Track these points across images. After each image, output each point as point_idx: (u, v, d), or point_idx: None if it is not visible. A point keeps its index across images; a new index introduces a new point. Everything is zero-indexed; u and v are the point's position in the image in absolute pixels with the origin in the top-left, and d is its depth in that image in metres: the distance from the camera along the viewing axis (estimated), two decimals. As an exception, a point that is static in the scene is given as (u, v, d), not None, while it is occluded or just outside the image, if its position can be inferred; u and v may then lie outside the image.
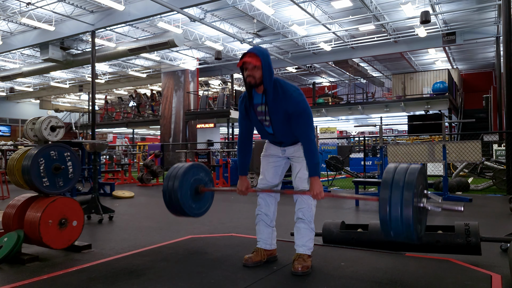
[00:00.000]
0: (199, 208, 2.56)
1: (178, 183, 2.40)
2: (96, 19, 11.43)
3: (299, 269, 2.04)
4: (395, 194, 1.71)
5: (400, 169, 1.81)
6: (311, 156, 2.01)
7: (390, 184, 1.74)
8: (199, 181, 2.53)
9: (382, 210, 1.73)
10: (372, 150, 12.86)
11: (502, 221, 3.78)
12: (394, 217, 1.69)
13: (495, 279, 1.96)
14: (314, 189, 2.01)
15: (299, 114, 1.99)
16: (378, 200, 1.77)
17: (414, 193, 1.69)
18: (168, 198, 2.44)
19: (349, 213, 4.43)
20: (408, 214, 1.66)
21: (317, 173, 2.01)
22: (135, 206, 5.30)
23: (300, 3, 10.56)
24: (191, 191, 2.48)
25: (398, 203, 1.69)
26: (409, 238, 1.71)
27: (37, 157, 2.46)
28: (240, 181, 2.28)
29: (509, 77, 6.33)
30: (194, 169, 2.52)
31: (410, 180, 1.72)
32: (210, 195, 2.65)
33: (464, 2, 10.95)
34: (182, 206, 2.42)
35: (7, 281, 2.04)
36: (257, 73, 1.99)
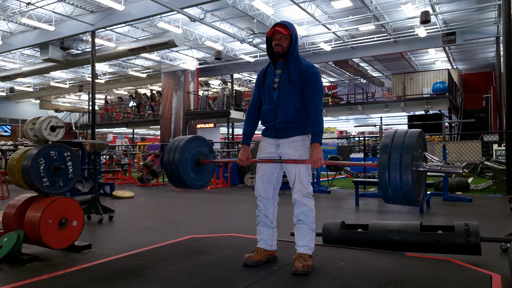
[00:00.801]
0: (200, 180, 2.57)
1: (179, 155, 2.41)
2: (96, 19, 11.43)
3: (299, 268, 2.05)
4: (394, 157, 1.70)
5: (399, 132, 1.81)
6: (316, 122, 2.07)
7: (389, 147, 1.74)
8: (200, 153, 2.55)
9: (381, 172, 1.72)
10: (372, 150, 12.86)
11: (502, 221, 3.78)
12: (393, 179, 1.69)
13: (495, 279, 1.96)
14: (314, 155, 2.05)
15: (312, 82, 2.12)
16: (377, 165, 1.77)
17: (413, 155, 1.69)
18: (170, 170, 2.45)
19: (349, 213, 4.43)
20: (407, 176, 1.66)
21: (319, 140, 2.07)
22: (135, 206, 5.30)
23: (300, 3, 10.56)
24: (192, 163, 2.49)
25: (397, 166, 1.68)
26: (408, 201, 1.70)
27: (37, 157, 2.46)
28: (242, 150, 2.33)
29: (509, 77, 6.33)
30: (195, 141, 2.54)
31: (409, 142, 1.72)
32: (211, 167, 2.67)
33: (464, 2, 10.95)
34: (183, 177, 2.43)
35: (7, 281, 2.04)
36: (285, 43, 2.13)
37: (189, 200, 5.95)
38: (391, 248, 2.47)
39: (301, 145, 2.15)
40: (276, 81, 2.18)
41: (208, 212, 4.68)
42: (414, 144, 1.71)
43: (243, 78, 21.16)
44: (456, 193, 6.03)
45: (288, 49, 2.14)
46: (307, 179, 2.16)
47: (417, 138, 1.75)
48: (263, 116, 2.26)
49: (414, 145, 1.71)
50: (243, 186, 7.96)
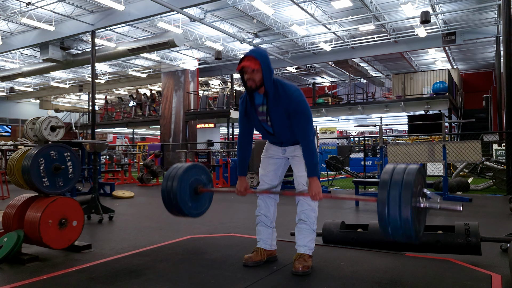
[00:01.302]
0: (198, 208, 2.55)
1: (177, 183, 2.40)
2: (96, 19, 11.43)
3: (299, 269, 2.04)
4: (393, 194, 1.70)
5: (398, 169, 1.80)
6: (309, 156, 2.01)
7: (388, 184, 1.74)
8: (198, 181, 2.53)
9: (381, 210, 1.72)
10: (372, 150, 12.86)
11: (502, 221, 3.78)
12: (393, 217, 1.68)
13: (495, 279, 1.96)
14: (312, 189, 2.00)
15: (299, 113, 2.00)
16: (377, 201, 1.76)
17: (412, 192, 1.69)
18: (167, 198, 2.44)
19: (349, 213, 4.43)
20: (407, 214, 1.66)
21: (315, 174, 2.01)
22: (135, 206, 5.30)
23: (300, 3, 10.55)
24: (190, 191, 2.47)
25: (397, 204, 1.68)
26: (408, 238, 1.70)
27: (37, 157, 2.45)
28: (239, 181, 2.27)
29: (509, 77, 6.33)
30: (193, 169, 2.52)
31: (408, 180, 1.72)
32: (209, 195, 2.64)
33: (464, 2, 10.95)
34: (180, 206, 2.41)
35: (7, 281, 2.04)
36: (256, 76, 1.99)
37: (189, 200, 5.93)
38: (391, 248, 2.47)
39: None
40: (264, 119, 2.10)
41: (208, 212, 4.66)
42: (413, 181, 1.72)
43: (243, 78, 21.11)
44: (456, 193, 6.03)
45: (262, 82, 2.00)
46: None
47: (416, 174, 1.75)
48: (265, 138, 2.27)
49: (413, 182, 1.71)
50: (243, 186, 7.94)
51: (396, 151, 5.94)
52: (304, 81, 21.59)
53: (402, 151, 5.88)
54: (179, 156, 14.02)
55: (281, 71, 19.49)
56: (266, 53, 2.08)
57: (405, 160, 5.84)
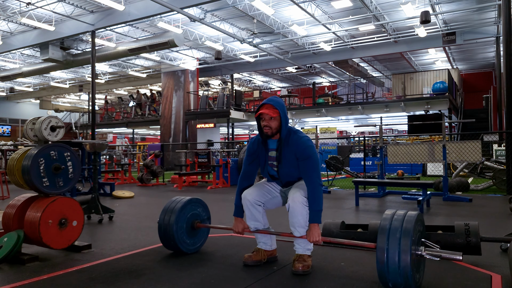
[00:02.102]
0: (193, 244, 2.53)
1: (174, 218, 2.40)
2: (96, 19, 11.43)
3: (299, 269, 2.05)
4: (392, 243, 1.70)
5: (397, 216, 1.80)
6: (315, 202, 2.00)
7: (388, 232, 1.74)
8: (195, 216, 2.53)
9: (380, 259, 1.71)
10: (372, 150, 12.86)
11: (502, 221, 3.78)
12: (392, 267, 1.68)
13: (495, 279, 1.96)
14: (311, 236, 1.99)
15: (306, 158, 2.06)
16: (376, 249, 1.75)
17: (411, 241, 1.69)
18: (164, 232, 2.43)
19: (349, 213, 4.43)
20: (406, 263, 1.66)
21: (318, 220, 2.00)
22: (135, 206, 5.30)
23: (300, 3, 10.56)
24: (187, 226, 2.47)
25: (396, 253, 1.68)
26: (407, 286, 1.70)
27: (37, 157, 2.45)
28: (236, 222, 2.28)
29: (509, 77, 6.33)
30: (191, 204, 2.53)
31: (407, 227, 1.72)
32: (206, 230, 2.64)
33: (464, 2, 10.96)
34: (175, 241, 2.40)
35: (7, 281, 2.04)
36: (273, 124, 2.09)
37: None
38: None
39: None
40: (273, 164, 2.16)
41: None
42: (413, 229, 1.72)
43: (243, 78, 21.16)
44: (456, 193, 6.02)
45: (279, 129, 2.09)
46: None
47: (415, 222, 1.75)
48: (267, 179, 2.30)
49: (413, 230, 1.72)
50: (243, 186, 7.94)
51: (396, 151, 5.94)
52: (304, 81, 21.59)
53: (402, 151, 5.88)
54: (179, 156, 14.02)
55: (281, 71, 19.49)
56: (283, 102, 2.17)
57: (405, 160, 5.84)
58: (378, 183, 5.69)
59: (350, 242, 2.07)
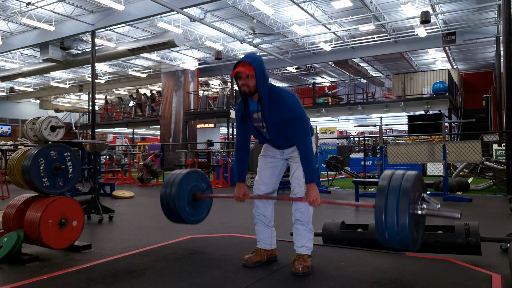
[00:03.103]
0: (197, 215, 2.57)
1: (175, 190, 2.42)
2: (96, 19, 11.43)
3: (299, 269, 2.05)
4: (390, 201, 1.68)
5: (396, 175, 1.79)
6: (307, 162, 1.99)
7: (386, 191, 1.72)
8: (196, 188, 2.54)
9: (378, 217, 1.71)
10: (372, 150, 12.86)
11: (502, 221, 3.78)
12: (390, 224, 1.67)
13: (495, 279, 1.96)
14: (310, 196, 2.00)
15: (294, 120, 1.99)
16: (374, 207, 1.75)
17: (410, 200, 1.67)
18: (166, 205, 2.46)
19: (349, 213, 4.43)
20: (404, 222, 1.64)
21: (313, 180, 2.00)
22: (135, 206, 5.29)
23: (300, 3, 10.56)
24: (188, 198, 2.49)
25: (394, 211, 1.66)
26: (406, 246, 1.69)
27: (37, 157, 2.45)
28: (238, 188, 2.27)
29: (509, 77, 6.33)
30: (192, 175, 2.53)
31: (406, 186, 1.70)
32: (208, 202, 2.65)
33: (464, 2, 10.95)
34: (179, 213, 2.43)
35: (7, 281, 2.04)
36: (251, 82, 1.98)
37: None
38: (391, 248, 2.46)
39: None
40: (260, 125, 2.10)
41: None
42: (411, 187, 1.70)
43: (243, 78, 21.12)
44: (456, 193, 6.02)
45: (256, 87, 1.99)
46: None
47: (414, 181, 1.73)
48: (261, 143, 2.28)
49: (411, 188, 1.69)
50: (243, 186, 7.95)
51: (396, 151, 5.94)
52: (304, 81, 21.59)
53: (402, 151, 5.88)
54: (179, 156, 14.02)
55: (281, 71, 19.49)
56: (261, 58, 2.06)
57: (405, 160, 5.84)
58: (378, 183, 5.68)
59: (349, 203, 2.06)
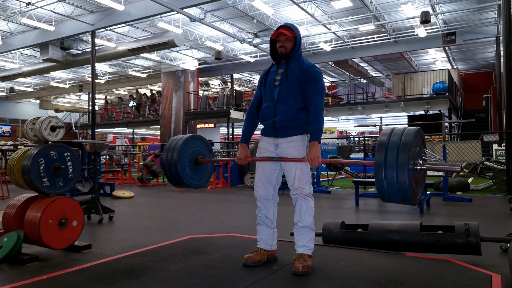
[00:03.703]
0: (199, 179, 2.58)
1: (177, 154, 2.42)
2: (96, 19, 11.43)
3: (300, 269, 2.05)
4: (390, 155, 1.67)
5: (396, 130, 1.78)
6: (316, 121, 2.08)
7: (386, 145, 1.71)
8: (198, 152, 2.56)
9: (377, 170, 1.69)
10: (372, 150, 12.86)
11: (502, 221, 3.78)
12: (389, 177, 1.66)
13: (495, 279, 1.96)
14: (311, 153, 2.06)
15: (314, 81, 2.13)
16: (374, 164, 1.74)
17: (410, 154, 1.66)
18: (168, 170, 2.47)
19: (349, 213, 4.43)
20: (404, 175, 1.63)
21: (317, 138, 2.08)
22: (135, 206, 5.30)
23: (300, 3, 10.56)
24: (190, 162, 2.50)
25: (394, 165, 1.65)
26: (404, 196, 1.67)
27: (37, 157, 2.45)
28: (241, 148, 2.32)
29: (509, 77, 6.33)
30: (193, 140, 2.55)
31: (406, 140, 1.69)
32: (210, 166, 2.68)
33: (464, 2, 10.96)
34: (181, 176, 2.44)
35: (7, 281, 2.04)
36: (288, 45, 2.16)
37: (189, 200, 5.95)
38: (391, 248, 2.47)
39: (301, 144, 2.14)
40: (277, 79, 2.21)
41: (208, 212, 4.68)
42: (412, 142, 1.68)
43: (243, 78, 21.16)
44: (456, 193, 6.02)
45: (292, 50, 2.18)
46: (307, 179, 2.16)
47: (414, 136, 1.72)
48: (262, 114, 2.26)
49: (411, 143, 1.68)
50: (243, 186, 7.95)
51: (396, 151, 5.92)
52: (304, 81, 21.56)
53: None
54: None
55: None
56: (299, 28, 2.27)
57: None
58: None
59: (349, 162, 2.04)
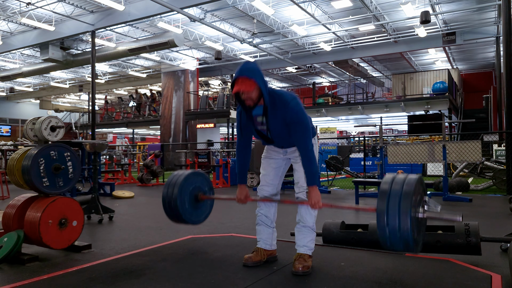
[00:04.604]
0: (198, 216, 2.58)
1: (177, 191, 2.43)
2: (96, 19, 11.43)
3: (299, 269, 2.05)
4: (392, 205, 1.69)
5: (397, 179, 1.79)
6: (308, 165, 2.00)
7: (388, 195, 1.73)
8: (198, 188, 2.55)
9: (380, 221, 1.71)
10: (372, 150, 12.86)
11: (502, 221, 3.78)
12: (392, 228, 1.68)
13: (495, 279, 1.96)
14: (312, 198, 2.01)
15: (296, 123, 2.01)
16: (376, 211, 1.75)
17: (412, 203, 1.68)
18: (168, 205, 2.47)
19: (349, 213, 4.43)
20: (406, 225, 1.65)
21: (315, 182, 2.00)
22: (135, 206, 5.30)
23: (300, 3, 10.56)
24: (190, 199, 2.50)
25: (396, 214, 1.67)
26: (407, 248, 1.70)
27: (37, 157, 2.45)
28: (239, 189, 2.27)
29: (509, 77, 6.33)
30: (194, 176, 2.54)
31: (407, 190, 1.71)
32: (210, 202, 2.67)
33: (464, 2, 10.96)
34: (181, 213, 2.44)
35: (7, 281, 2.04)
36: (254, 95, 1.99)
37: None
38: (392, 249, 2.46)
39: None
40: (264, 128, 2.11)
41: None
42: (413, 191, 1.71)
43: (243, 78, 21.12)
44: (456, 193, 6.03)
45: (259, 98, 2.01)
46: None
47: (416, 184, 1.74)
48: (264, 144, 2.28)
49: (413, 192, 1.71)
50: (243, 186, 7.94)
51: (396, 151, 5.94)
52: (304, 81, 21.59)
53: (402, 151, 5.88)
54: (179, 156, 14.02)
55: (281, 71, 19.49)
56: (257, 66, 2.04)
57: (405, 160, 5.84)
58: (378, 183, 5.69)
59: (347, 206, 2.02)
